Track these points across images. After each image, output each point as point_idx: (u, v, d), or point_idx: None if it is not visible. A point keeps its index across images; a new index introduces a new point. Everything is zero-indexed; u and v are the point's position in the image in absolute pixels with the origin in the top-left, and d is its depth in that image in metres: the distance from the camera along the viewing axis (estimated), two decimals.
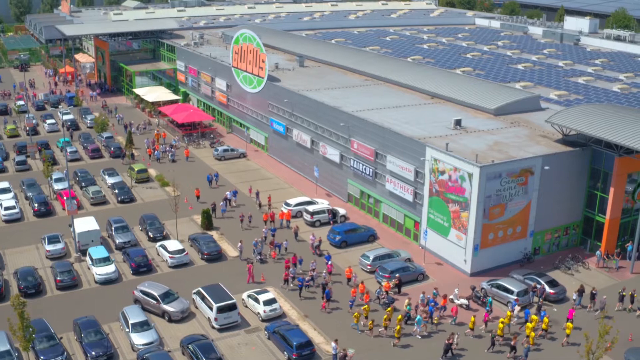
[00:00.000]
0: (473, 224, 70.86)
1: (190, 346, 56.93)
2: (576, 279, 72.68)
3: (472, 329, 62.00)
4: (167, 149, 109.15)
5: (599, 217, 78.12)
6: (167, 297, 64.09)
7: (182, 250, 74.39)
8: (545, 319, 62.15)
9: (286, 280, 69.68)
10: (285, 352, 58.18)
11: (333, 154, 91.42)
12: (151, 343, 58.67)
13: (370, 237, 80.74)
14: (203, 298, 63.94)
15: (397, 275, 69.34)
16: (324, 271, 70.60)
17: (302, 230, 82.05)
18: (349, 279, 70.04)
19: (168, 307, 62.95)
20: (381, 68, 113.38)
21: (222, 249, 77.32)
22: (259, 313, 64.16)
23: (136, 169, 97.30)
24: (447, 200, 73.38)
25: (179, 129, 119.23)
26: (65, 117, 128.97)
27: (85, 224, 78.13)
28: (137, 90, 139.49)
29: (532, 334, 60.04)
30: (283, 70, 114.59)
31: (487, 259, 73.40)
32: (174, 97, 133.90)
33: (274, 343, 59.97)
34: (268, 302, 64.27)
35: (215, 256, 75.41)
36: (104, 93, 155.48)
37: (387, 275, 69.74)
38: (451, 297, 67.51)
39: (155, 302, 63.72)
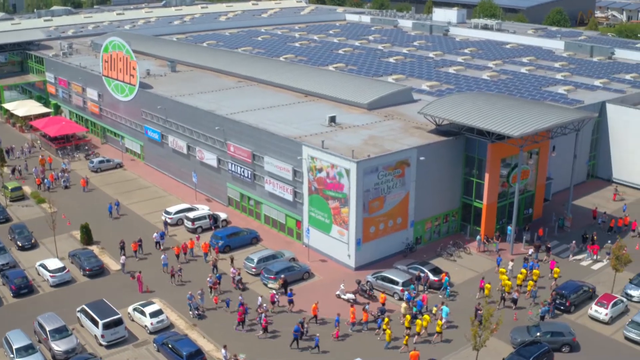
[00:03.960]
0: (354, 218, 71.36)
1: None
2: (459, 265, 74.25)
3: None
4: (59, 174, 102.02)
5: (476, 203, 79.92)
6: (58, 333, 60.47)
7: (63, 268, 72.11)
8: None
9: (241, 322, 63.29)
10: None
11: (210, 158, 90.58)
12: None
13: (253, 239, 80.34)
14: (88, 315, 62.23)
15: (282, 276, 69.21)
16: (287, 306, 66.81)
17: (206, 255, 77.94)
18: (314, 316, 65.08)
19: (53, 345, 60.11)
20: (254, 69, 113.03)
21: (104, 263, 75.41)
22: (146, 326, 62.91)
23: (10, 187, 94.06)
24: (327, 197, 73.65)
25: (52, 142, 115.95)
26: None
27: None
28: (6, 105, 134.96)
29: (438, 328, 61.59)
30: (155, 77, 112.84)
31: (370, 252, 74.13)
32: (45, 110, 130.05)
33: (163, 355, 58.88)
34: (154, 314, 63.12)
35: (98, 271, 73.44)
36: None
37: (272, 276, 69.53)
38: (337, 292, 67.83)
39: (45, 337, 60.79)
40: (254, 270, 72.53)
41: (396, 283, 68.07)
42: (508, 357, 57.05)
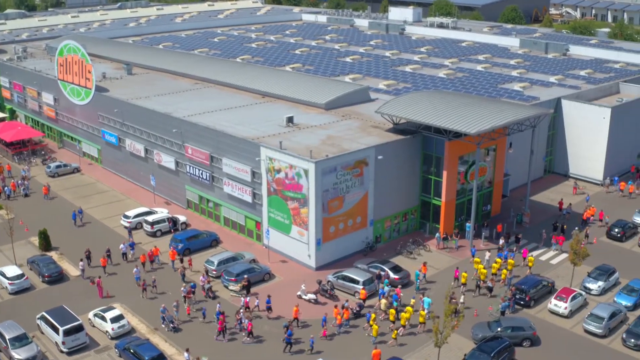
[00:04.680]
0: (313, 219, 71.35)
1: None
2: (419, 262, 74.40)
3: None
4: (20, 182, 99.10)
5: (435, 201, 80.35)
6: (18, 341, 59.60)
7: (22, 275, 71.10)
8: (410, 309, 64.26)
9: (222, 332, 61.91)
10: None
11: (168, 161, 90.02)
12: None
13: (213, 241, 79.96)
14: (48, 322, 61.46)
15: (245, 276, 68.97)
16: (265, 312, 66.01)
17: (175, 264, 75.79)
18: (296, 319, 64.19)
19: (14, 353, 59.22)
20: (211, 70, 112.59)
21: (63, 269, 74.49)
22: (107, 331, 62.34)
23: None
24: (286, 198, 73.54)
25: (8, 148, 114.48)
26: None
27: None
28: None
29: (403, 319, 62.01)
30: (111, 80, 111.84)
31: (330, 252, 74.20)
32: (0, 115, 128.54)
33: None
34: (115, 319, 62.56)
35: (57, 277, 72.50)
36: None
37: (233, 279, 69.25)
38: (299, 293, 67.79)
39: (5, 345, 59.86)
40: (214, 272, 72.16)
41: (357, 282, 68.15)
42: (469, 353, 57.41)
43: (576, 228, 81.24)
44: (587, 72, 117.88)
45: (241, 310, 63.65)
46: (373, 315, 62.13)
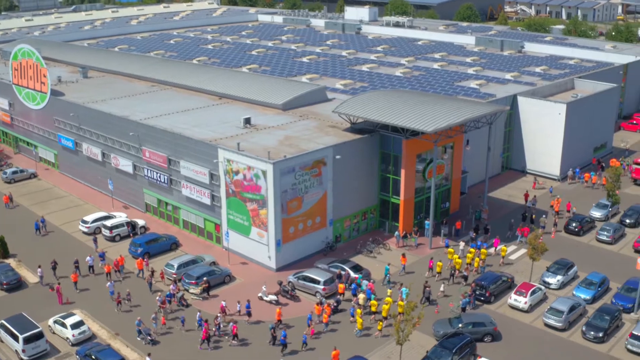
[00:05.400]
0: (272, 220, 71.21)
1: None
2: (379, 261, 74.69)
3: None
4: None
5: (393, 199, 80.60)
6: None
7: None
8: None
9: (206, 340, 60.63)
10: None
11: (126, 164, 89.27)
12: None
13: (172, 245, 79.45)
14: (7, 330, 60.63)
15: (204, 278, 68.66)
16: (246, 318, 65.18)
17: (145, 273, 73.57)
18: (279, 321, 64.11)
19: None
20: (167, 72, 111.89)
21: (22, 276, 73.52)
22: (67, 338, 61.67)
23: None
24: (245, 199, 73.33)
25: None
26: None
27: None
28: None
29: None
30: (67, 84, 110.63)
31: (290, 253, 74.14)
32: None
33: None
34: (75, 325, 61.91)
35: (15, 285, 71.53)
36: None
37: (193, 282, 68.84)
38: (260, 294, 67.61)
39: None
40: (174, 276, 71.66)
41: (317, 282, 68.17)
42: (432, 349, 57.67)
43: (543, 216, 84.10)
44: (542, 69, 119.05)
45: (219, 315, 63.11)
46: (359, 311, 63.08)
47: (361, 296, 65.74)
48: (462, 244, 76.65)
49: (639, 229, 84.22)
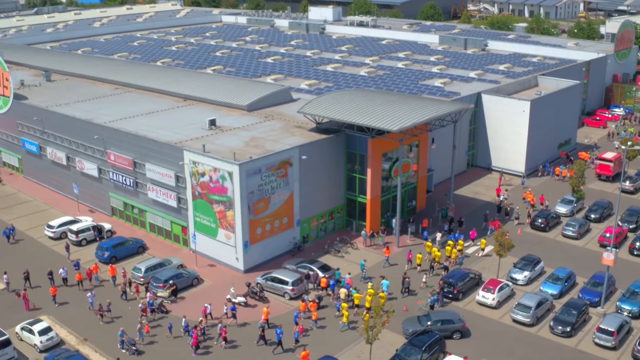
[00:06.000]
0: (239, 221, 71.04)
1: None
2: (347, 260, 74.78)
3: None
4: None
5: (360, 198, 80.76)
6: None
7: None
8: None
9: (196, 346, 59.92)
10: None
11: (91, 168, 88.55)
12: None
13: (139, 248, 78.92)
14: None
15: (170, 281, 68.31)
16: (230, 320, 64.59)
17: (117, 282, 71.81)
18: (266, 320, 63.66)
19: None
20: (131, 75, 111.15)
21: None
22: (35, 344, 61.07)
23: None
24: (211, 201, 73.09)
25: None
26: None
27: None
28: None
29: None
30: (30, 87, 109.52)
31: (258, 254, 74.02)
32: None
33: None
34: (43, 332, 61.30)
35: None
36: None
37: (161, 285, 68.47)
38: (228, 296, 67.40)
39: None
40: (142, 279, 71.25)
41: (286, 283, 68.12)
42: (401, 347, 57.81)
43: (517, 207, 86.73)
44: (505, 67, 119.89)
45: (202, 319, 62.66)
46: (345, 305, 63.54)
47: (342, 290, 66.06)
48: (438, 235, 78.46)
49: (603, 224, 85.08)
